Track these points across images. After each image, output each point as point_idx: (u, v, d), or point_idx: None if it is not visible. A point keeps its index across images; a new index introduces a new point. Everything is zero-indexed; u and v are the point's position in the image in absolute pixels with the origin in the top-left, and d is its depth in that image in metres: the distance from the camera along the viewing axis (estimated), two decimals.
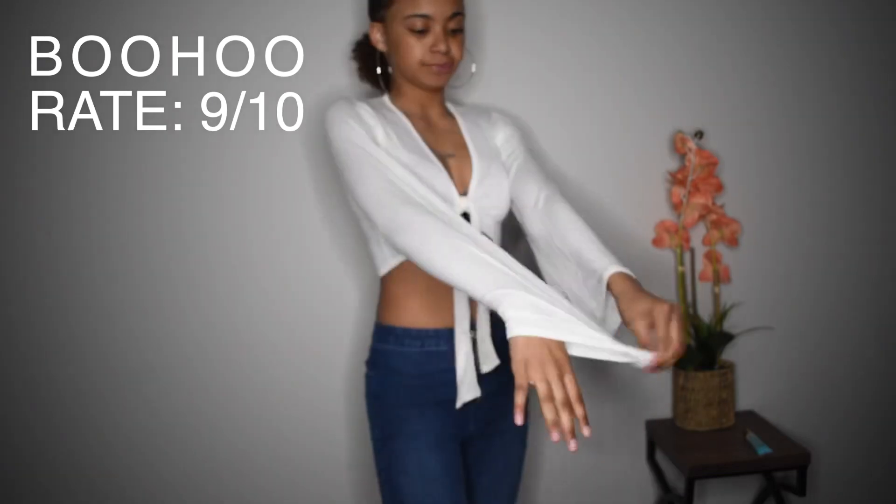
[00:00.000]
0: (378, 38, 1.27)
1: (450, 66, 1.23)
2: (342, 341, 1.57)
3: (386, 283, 1.28)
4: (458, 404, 1.21)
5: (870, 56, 1.69)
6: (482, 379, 1.23)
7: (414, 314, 1.24)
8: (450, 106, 1.37)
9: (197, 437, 1.56)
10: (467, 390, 1.20)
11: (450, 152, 1.27)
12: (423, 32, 1.20)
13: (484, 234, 1.23)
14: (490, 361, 1.23)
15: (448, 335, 1.23)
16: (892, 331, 1.78)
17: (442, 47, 1.20)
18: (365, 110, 1.20)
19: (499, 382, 1.26)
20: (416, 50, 1.21)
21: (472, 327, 1.23)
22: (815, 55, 1.67)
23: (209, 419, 1.56)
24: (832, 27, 1.67)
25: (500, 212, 1.28)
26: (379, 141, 1.18)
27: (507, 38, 1.54)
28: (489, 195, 1.25)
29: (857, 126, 1.71)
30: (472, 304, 1.23)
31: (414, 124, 1.26)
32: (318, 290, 1.55)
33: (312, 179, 1.52)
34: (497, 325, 1.27)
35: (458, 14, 1.22)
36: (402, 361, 1.24)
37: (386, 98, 1.31)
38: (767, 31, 1.64)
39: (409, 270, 1.23)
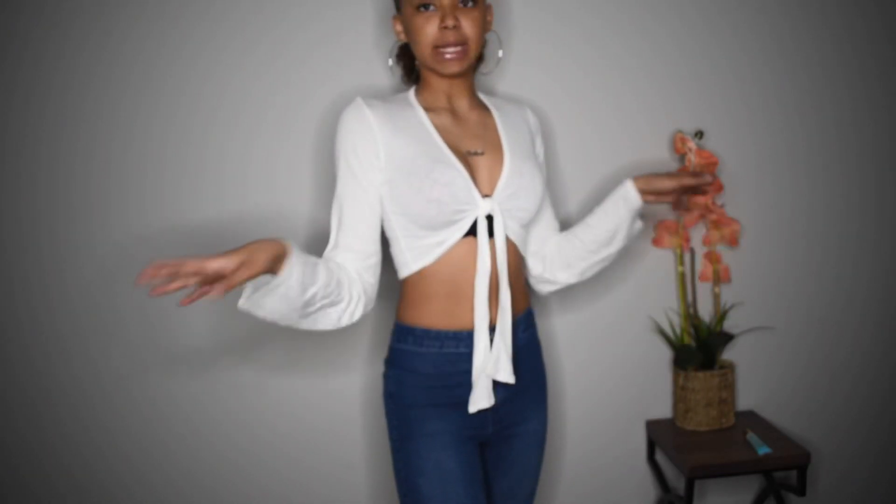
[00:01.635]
0: (399, 30, 1.25)
1: (463, 47, 1.16)
2: (360, 340, 1.57)
3: (407, 284, 1.24)
4: (471, 410, 1.18)
5: (869, 57, 1.69)
6: (499, 382, 1.20)
7: (434, 315, 1.21)
8: (483, 97, 1.31)
9: (209, 439, 1.56)
10: (481, 397, 1.17)
11: (478, 149, 1.21)
12: (428, 8, 1.15)
13: (507, 238, 1.21)
14: (504, 373, 1.18)
15: (468, 337, 1.20)
16: (891, 330, 1.78)
17: (449, 22, 1.14)
18: (379, 116, 1.17)
19: (516, 386, 1.23)
20: (426, 31, 1.16)
21: (492, 330, 1.19)
22: (815, 56, 1.67)
23: (221, 422, 1.56)
24: (832, 28, 1.67)
25: (528, 214, 1.23)
26: (380, 158, 1.16)
27: (505, 40, 1.54)
28: (517, 196, 1.20)
29: (857, 126, 1.71)
30: (493, 308, 1.19)
31: (439, 120, 1.21)
32: None
33: (329, 177, 1.51)
34: (517, 330, 1.25)
35: None
36: (420, 362, 1.22)
37: (411, 94, 1.26)
38: (767, 32, 1.64)
39: (431, 274, 1.20)
